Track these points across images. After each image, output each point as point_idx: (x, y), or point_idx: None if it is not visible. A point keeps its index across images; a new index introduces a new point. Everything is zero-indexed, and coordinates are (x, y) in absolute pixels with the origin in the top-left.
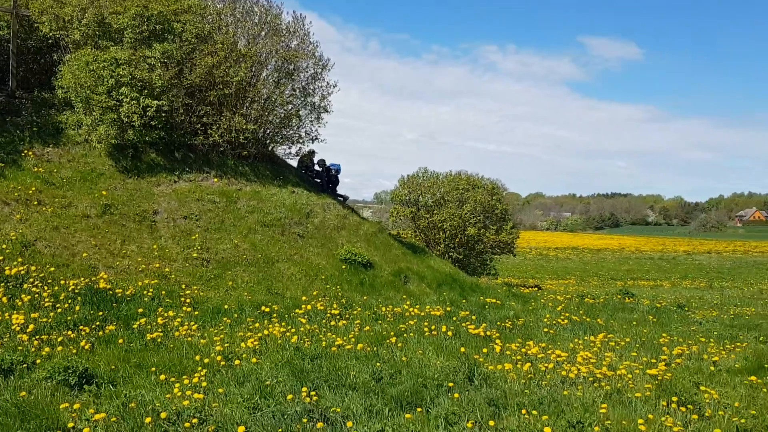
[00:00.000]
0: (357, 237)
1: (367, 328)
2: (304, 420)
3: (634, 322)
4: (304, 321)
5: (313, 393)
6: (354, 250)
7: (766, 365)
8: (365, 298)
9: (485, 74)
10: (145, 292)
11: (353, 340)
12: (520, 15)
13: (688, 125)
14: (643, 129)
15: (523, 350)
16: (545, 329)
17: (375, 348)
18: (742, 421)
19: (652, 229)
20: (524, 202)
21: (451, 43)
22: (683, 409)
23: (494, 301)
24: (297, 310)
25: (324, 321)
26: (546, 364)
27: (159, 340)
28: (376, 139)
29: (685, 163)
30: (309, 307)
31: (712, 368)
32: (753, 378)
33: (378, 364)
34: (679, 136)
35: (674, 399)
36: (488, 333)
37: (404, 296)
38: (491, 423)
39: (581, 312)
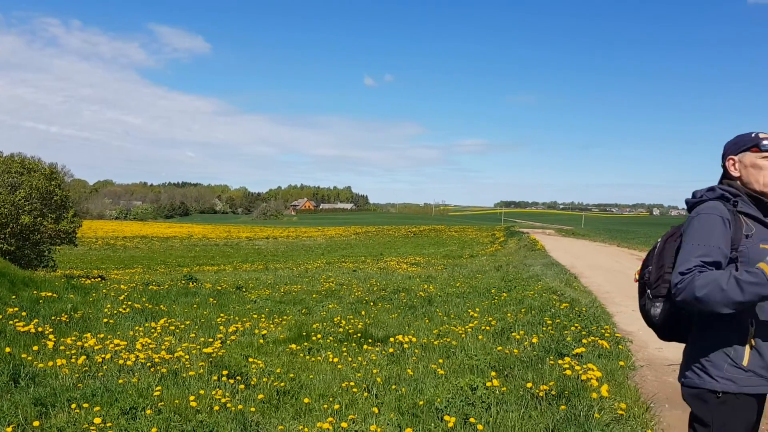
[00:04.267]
0: None
1: None
2: None
3: (196, 305)
4: None
5: None
6: None
7: (304, 333)
8: None
9: (46, 48)
10: None
11: None
12: None
13: (252, 121)
14: (212, 121)
15: (79, 343)
16: (105, 320)
17: None
18: (282, 384)
19: (219, 218)
20: (92, 190)
21: (3, 9)
22: (232, 380)
23: (51, 294)
24: None
25: None
26: (104, 355)
27: None
28: None
29: (249, 155)
30: None
31: (261, 341)
32: (293, 345)
33: None
34: (245, 130)
35: (225, 373)
36: (40, 329)
37: None
38: (36, 423)
39: (144, 300)
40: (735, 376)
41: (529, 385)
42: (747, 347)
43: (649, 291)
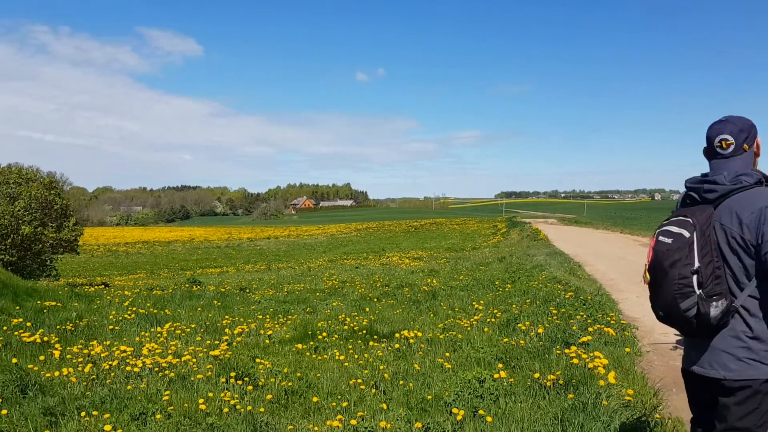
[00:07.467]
0: None
1: None
2: None
3: (200, 308)
4: None
5: None
6: None
7: (310, 332)
8: None
9: (36, 56)
10: None
11: None
12: None
13: (248, 121)
14: (208, 123)
15: (85, 351)
16: (111, 327)
17: None
18: (290, 384)
19: (220, 219)
20: (91, 197)
21: None
22: (240, 382)
23: (55, 303)
24: None
25: None
26: (111, 362)
27: None
28: None
29: (247, 156)
30: None
31: (267, 341)
32: (299, 345)
33: None
34: (241, 131)
35: (233, 374)
36: (46, 339)
37: None
38: None
39: (149, 304)
40: None
41: (536, 375)
42: None
43: (701, 291)
